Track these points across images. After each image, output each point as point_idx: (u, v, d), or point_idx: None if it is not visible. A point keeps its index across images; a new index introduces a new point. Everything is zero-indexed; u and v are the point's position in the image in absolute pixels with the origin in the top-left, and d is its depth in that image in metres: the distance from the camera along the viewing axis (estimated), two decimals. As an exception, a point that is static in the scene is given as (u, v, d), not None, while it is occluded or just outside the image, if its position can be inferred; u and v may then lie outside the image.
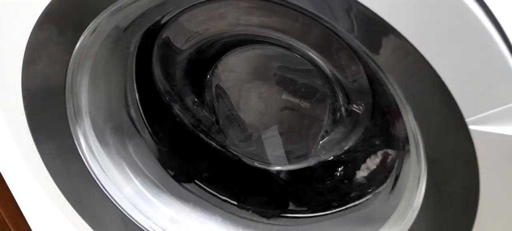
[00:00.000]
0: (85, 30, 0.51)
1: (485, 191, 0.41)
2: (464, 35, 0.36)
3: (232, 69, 0.73)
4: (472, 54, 0.36)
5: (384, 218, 0.52)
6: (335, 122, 0.69)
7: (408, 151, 0.51)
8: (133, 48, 0.65)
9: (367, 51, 0.40)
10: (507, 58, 0.36)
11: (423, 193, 0.44)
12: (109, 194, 0.65)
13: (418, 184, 0.46)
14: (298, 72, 0.69)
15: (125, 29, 0.57)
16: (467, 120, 0.38)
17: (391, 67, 0.40)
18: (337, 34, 0.56)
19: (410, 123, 0.44)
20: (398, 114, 0.53)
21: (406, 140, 0.52)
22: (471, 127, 0.38)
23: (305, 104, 0.71)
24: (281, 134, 0.74)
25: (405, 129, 0.51)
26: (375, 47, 0.40)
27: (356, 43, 0.41)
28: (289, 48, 0.67)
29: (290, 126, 0.74)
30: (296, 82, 0.70)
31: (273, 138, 0.75)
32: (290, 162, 0.74)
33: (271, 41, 0.67)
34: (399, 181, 0.55)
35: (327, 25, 0.44)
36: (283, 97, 0.72)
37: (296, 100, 0.71)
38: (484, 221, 0.43)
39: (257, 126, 0.75)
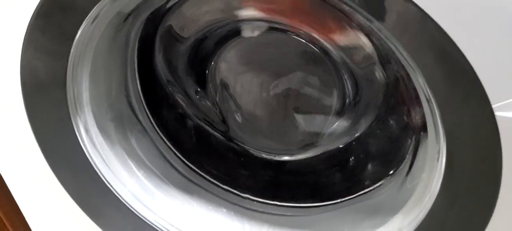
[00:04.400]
0: (87, 17, 0.49)
1: (507, 176, 0.40)
2: (492, 17, 0.35)
3: (236, 58, 0.71)
4: (502, 39, 0.35)
5: (398, 206, 0.51)
6: (343, 109, 0.68)
7: (425, 135, 0.49)
8: (134, 37, 0.63)
9: (371, 18, 0.39)
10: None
11: (441, 178, 0.43)
12: (112, 187, 0.63)
13: (436, 169, 0.45)
14: (304, 59, 0.68)
15: (128, 15, 0.55)
16: (494, 106, 0.37)
17: (400, 35, 0.38)
18: (344, 13, 0.55)
19: (430, 109, 0.43)
20: (413, 99, 0.52)
21: (422, 125, 0.51)
22: (497, 113, 0.37)
23: (312, 91, 0.70)
24: (287, 123, 0.73)
25: (419, 113, 0.51)
26: (380, 14, 0.38)
27: (359, 11, 0.39)
28: (294, 33, 0.65)
29: (297, 115, 0.72)
30: (303, 69, 0.69)
31: (279, 127, 0.73)
32: (297, 151, 0.73)
33: (276, 27, 0.65)
34: (415, 165, 0.54)
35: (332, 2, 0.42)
36: (289, 85, 0.71)
37: (303, 88, 0.70)
38: (505, 208, 0.42)
39: (262, 116, 0.74)
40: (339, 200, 0.64)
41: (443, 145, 0.42)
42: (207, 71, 0.72)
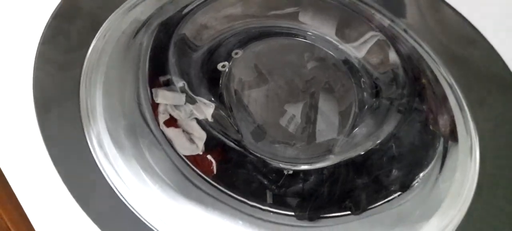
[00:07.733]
0: (99, 30, 0.48)
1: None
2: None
3: (251, 65, 0.69)
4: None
5: (432, 209, 0.48)
6: (362, 115, 0.66)
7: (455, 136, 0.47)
8: (146, 46, 0.62)
9: (392, 17, 0.37)
10: None
11: (477, 176, 0.41)
12: (127, 202, 0.61)
13: (470, 168, 0.42)
14: (321, 64, 0.66)
15: (143, 24, 0.54)
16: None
17: (425, 30, 0.36)
18: (362, 15, 0.53)
19: (460, 109, 0.41)
20: (440, 102, 0.50)
21: (451, 128, 0.48)
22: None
23: (328, 98, 0.68)
24: (304, 131, 0.71)
25: (448, 115, 0.49)
26: (400, 10, 0.36)
27: (378, 10, 0.37)
28: (309, 38, 0.64)
29: (313, 122, 0.70)
30: (319, 75, 0.67)
31: (295, 135, 0.72)
32: (316, 160, 0.71)
33: (291, 33, 0.64)
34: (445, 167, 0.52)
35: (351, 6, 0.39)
36: (304, 92, 0.69)
37: (319, 95, 0.68)
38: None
39: (277, 124, 0.72)
40: (362, 209, 0.62)
41: (475, 141, 0.40)
42: (221, 80, 0.71)
